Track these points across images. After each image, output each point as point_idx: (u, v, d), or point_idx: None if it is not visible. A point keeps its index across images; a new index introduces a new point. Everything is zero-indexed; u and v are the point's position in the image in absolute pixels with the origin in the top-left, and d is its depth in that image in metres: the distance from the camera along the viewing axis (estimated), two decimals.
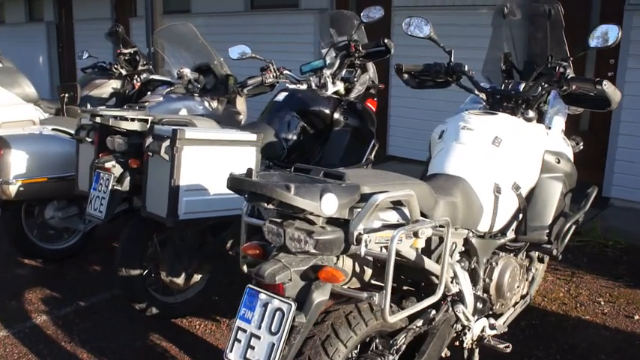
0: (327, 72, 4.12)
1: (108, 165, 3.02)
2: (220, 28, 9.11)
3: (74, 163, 3.92)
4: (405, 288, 2.44)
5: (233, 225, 3.31)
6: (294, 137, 3.86)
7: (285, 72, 4.18)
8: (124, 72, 6.27)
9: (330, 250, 1.79)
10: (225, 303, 3.68)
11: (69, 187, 3.97)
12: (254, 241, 1.97)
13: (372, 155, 4.20)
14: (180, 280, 3.29)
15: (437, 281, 2.11)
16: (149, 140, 2.85)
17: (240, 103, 5.38)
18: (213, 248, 3.36)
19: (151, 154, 2.86)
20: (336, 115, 3.99)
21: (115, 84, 6.22)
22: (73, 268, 4.26)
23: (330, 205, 1.69)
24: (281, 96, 3.96)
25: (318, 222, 1.80)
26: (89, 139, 3.24)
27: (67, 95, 4.43)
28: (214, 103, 5.11)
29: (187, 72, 4.97)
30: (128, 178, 3.06)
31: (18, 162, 3.73)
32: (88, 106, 4.96)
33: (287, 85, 4.14)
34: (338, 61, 4.15)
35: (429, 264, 2.14)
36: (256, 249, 1.95)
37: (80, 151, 3.37)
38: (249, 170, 1.74)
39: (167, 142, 2.77)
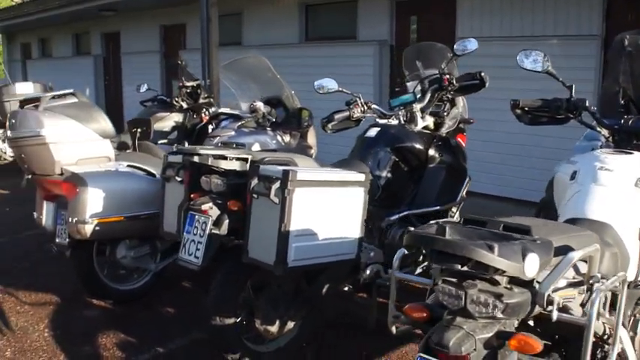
0: (417, 106, 3.87)
1: (205, 207, 2.79)
2: (273, 60, 8.92)
3: (150, 202, 3.75)
4: None
5: (329, 269, 3.06)
6: (389, 175, 3.61)
7: (373, 106, 3.94)
8: (184, 105, 6.12)
9: (517, 314, 1.55)
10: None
11: (145, 227, 3.79)
12: (419, 302, 1.70)
13: (465, 193, 3.95)
14: (274, 328, 3.04)
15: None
16: (254, 181, 2.63)
17: (311, 137, 5.19)
18: (310, 294, 3.10)
19: (256, 196, 2.63)
20: (431, 152, 3.74)
21: (176, 117, 6.08)
22: (145, 310, 4.03)
23: (533, 266, 1.44)
24: (373, 131, 3.72)
25: (502, 282, 1.54)
26: (178, 178, 3.02)
27: (139, 130, 4.25)
28: (287, 137, 4.92)
29: (260, 105, 4.80)
30: (227, 221, 2.83)
31: (94, 200, 3.56)
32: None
33: (376, 119, 3.90)
34: (428, 95, 3.90)
35: (598, 325, 1.86)
36: (422, 311, 1.68)
37: (167, 190, 3.16)
38: (441, 227, 1.48)
39: (277, 184, 2.54)
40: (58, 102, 3.75)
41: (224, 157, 2.83)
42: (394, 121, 3.84)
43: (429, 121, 3.97)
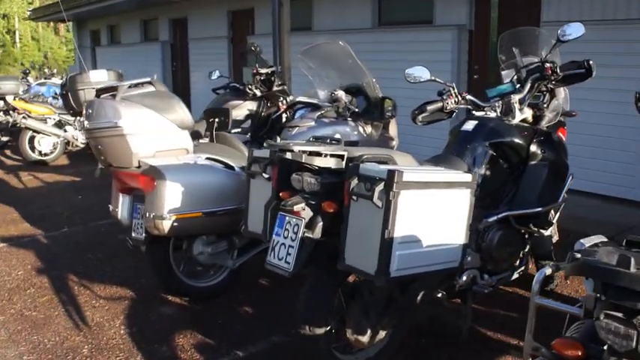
0: (515, 97, 3.52)
1: (297, 208, 2.56)
2: None
3: (230, 197, 3.57)
4: None
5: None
6: (487, 172, 3.30)
7: (468, 97, 3.61)
8: (258, 93, 5.93)
9: None
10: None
11: (224, 223, 3.63)
12: (572, 337, 1.41)
13: (566, 192, 3.60)
14: (365, 338, 2.79)
15: None
16: (354, 182, 2.37)
17: (393, 128, 4.90)
18: (404, 302, 2.84)
19: (355, 198, 2.38)
20: (532, 148, 3.41)
21: (250, 105, 5.88)
22: (223, 310, 3.85)
23: None
24: (469, 125, 3.40)
25: None
26: (266, 175, 2.80)
27: (216, 120, 4.06)
28: (368, 128, 4.66)
29: (342, 94, 4.55)
30: (320, 223, 2.59)
31: (173, 195, 3.39)
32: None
33: (473, 112, 3.57)
34: (528, 85, 3.54)
35: None
36: (577, 348, 1.39)
37: (252, 187, 2.94)
38: (625, 258, 1.18)
39: (381, 186, 2.28)
40: (135, 91, 3.58)
41: (318, 154, 2.58)
42: (492, 114, 3.51)
43: (528, 113, 3.63)
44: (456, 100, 3.61)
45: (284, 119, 5.83)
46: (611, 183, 5.99)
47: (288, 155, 2.57)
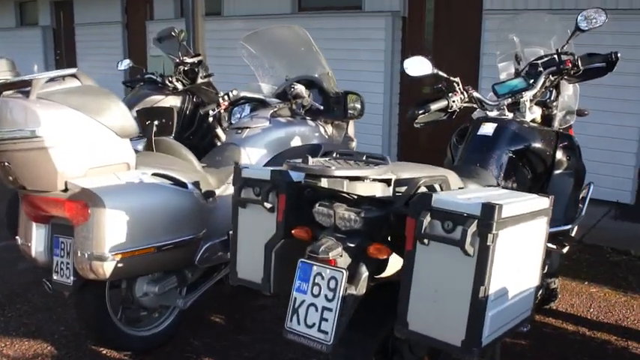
0: (527, 95, 2.99)
1: (333, 255, 1.82)
2: None
3: (187, 223, 2.79)
4: None
5: None
6: (514, 185, 2.75)
7: (474, 94, 3.03)
8: (180, 86, 5.05)
9: None
10: None
11: (179, 257, 2.84)
12: None
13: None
14: None
15: None
16: (426, 220, 1.67)
17: (352, 128, 4.25)
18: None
19: (426, 242, 1.68)
20: (559, 154, 2.91)
21: (173, 101, 4.99)
22: None
23: None
24: (488, 128, 2.82)
25: None
26: (268, 205, 2.04)
27: (155, 123, 3.20)
28: (329, 129, 3.97)
29: (302, 89, 3.82)
30: (366, 274, 1.88)
31: (115, 227, 2.55)
32: None
33: (487, 112, 3.00)
34: (541, 81, 3.02)
35: None
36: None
37: (242, 220, 2.17)
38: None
39: (474, 227, 1.60)
40: (53, 87, 2.65)
41: (359, 179, 1.85)
42: (508, 115, 2.96)
43: (537, 113, 3.14)
44: (462, 97, 3.03)
45: (219, 118, 5.04)
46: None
47: (324, 183, 1.82)
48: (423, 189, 1.92)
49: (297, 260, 1.95)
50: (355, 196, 1.88)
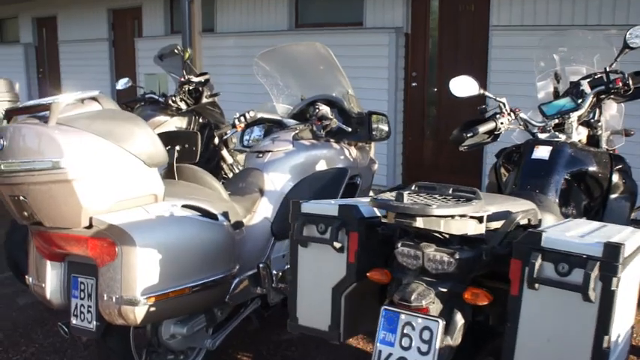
0: (574, 115, 2.83)
1: (425, 303, 1.59)
2: (255, 50, 7.67)
3: (220, 259, 2.54)
4: None
5: None
6: (573, 211, 2.56)
7: (521, 115, 2.86)
8: (183, 106, 4.81)
9: None
10: None
11: (214, 297, 2.60)
12: None
13: None
14: None
15: None
16: (537, 262, 1.46)
17: (372, 149, 4.04)
18: None
19: (536, 286, 1.47)
20: (615, 178, 2.73)
21: (179, 122, 4.76)
22: None
23: None
24: (543, 152, 2.64)
25: None
26: (337, 245, 1.80)
27: (177, 148, 2.95)
28: (353, 151, 3.75)
29: (327, 110, 3.60)
30: (462, 322, 1.65)
31: (147, 267, 2.29)
32: None
33: (537, 134, 2.83)
34: (588, 100, 2.86)
35: None
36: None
37: (302, 260, 1.92)
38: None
39: (596, 270, 1.38)
40: (73, 111, 2.39)
41: (451, 216, 1.63)
42: (561, 137, 2.78)
43: (583, 133, 2.96)
44: (509, 119, 2.85)
45: (230, 139, 4.81)
46: None
47: (420, 223, 1.59)
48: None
49: (368, 305, 1.72)
50: (447, 235, 1.66)
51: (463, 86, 2.80)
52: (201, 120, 4.86)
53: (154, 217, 2.40)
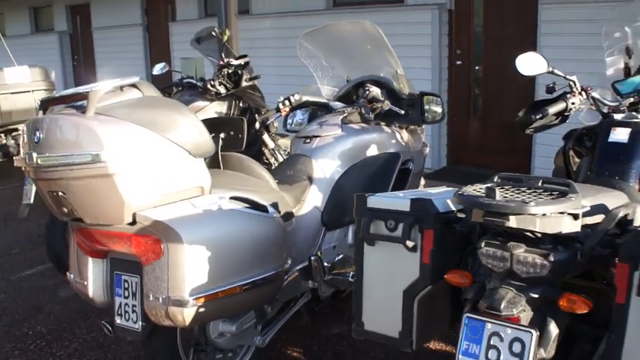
0: None
1: (516, 311, 1.38)
2: (292, 31, 7.47)
3: (271, 255, 2.37)
4: None
5: None
6: None
7: (593, 94, 2.61)
8: (222, 90, 4.65)
9: None
10: None
11: (265, 295, 2.43)
12: None
13: None
14: None
15: None
16: None
17: (423, 133, 3.82)
18: None
19: None
20: None
21: (218, 107, 4.59)
22: None
23: None
24: (620, 134, 2.39)
25: None
26: (410, 244, 1.60)
27: (221, 136, 2.77)
28: (405, 135, 3.53)
29: (378, 92, 3.39)
30: (556, 332, 1.44)
31: (196, 265, 2.13)
32: None
33: (612, 115, 2.57)
34: None
35: None
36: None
37: (369, 259, 1.73)
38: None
39: None
40: (112, 99, 2.23)
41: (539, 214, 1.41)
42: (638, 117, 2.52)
43: None
44: (581, 98, 2.61)
45: (267, 124, 4.64)
46: None
47: (513, 222, 1.38)
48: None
49: (439, 307, 1.52)
50: (539, 234, 1.44)
51: (531, 64, 2.56)
52: (241, 104, 4.70)
53: (202, 212, 2.23)
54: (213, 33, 4.73)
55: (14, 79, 4.14)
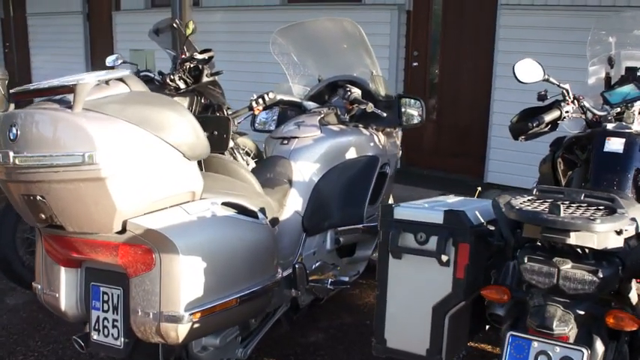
0: (638, 104, 2.61)
1: (568, 330, 1.32)
2: (245, 26, 7.30)
3: (265, 264, 2.25)
4: None
5: None
6: None
7: (584, 103, 2.62)
8: (182, 85, 4.46)
9: None
10: None
11: (258, 307, 2.30)
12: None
13: None
14: None
15: None
16: None
17: (399, 135, 3.78)
18: None
19: None
20: None
21: (181, 103, 4.37)
22: None
23: None
24: (615, 144, 2.40)
25: None
26: (444, 258, 1.52)
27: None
28: (381, 137, 3.47)
29: (358, 93, 3.30)
30: (602, 350, 1.42)
31: (192, 277, 1.98)
32: None
33: (605, 124, 2.59)
34: None
35: None
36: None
37: (394, 274, 1.64)
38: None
39: None
40: (99, 93, 2.04)
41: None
42: (634, 126, 2.54)
43: None
44: (573, 107, 2.61)
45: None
46: None
47: (573, 239, 1.31)
48: None
49: (466, 324, 1.45)
50: (585, 250, 1.39)
51: (528, 71, 2.53)
52: (203, 100, 4.51)
53: (196, 219, 2.08)
54: (175, 24, 4.52)
55: None
